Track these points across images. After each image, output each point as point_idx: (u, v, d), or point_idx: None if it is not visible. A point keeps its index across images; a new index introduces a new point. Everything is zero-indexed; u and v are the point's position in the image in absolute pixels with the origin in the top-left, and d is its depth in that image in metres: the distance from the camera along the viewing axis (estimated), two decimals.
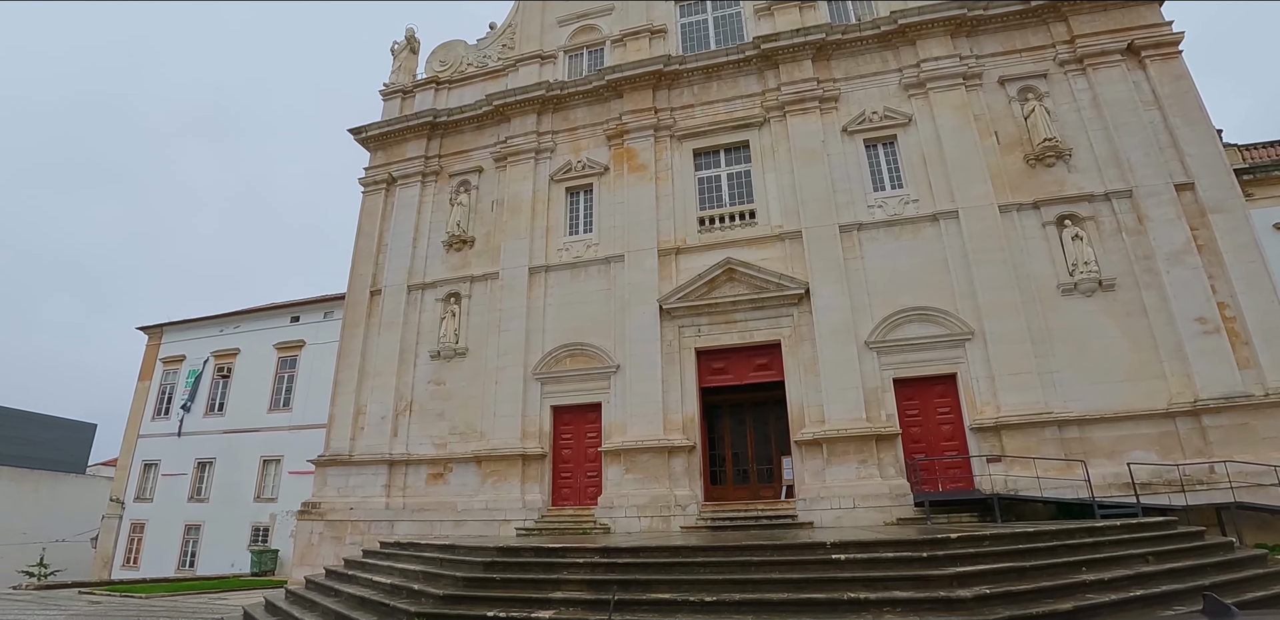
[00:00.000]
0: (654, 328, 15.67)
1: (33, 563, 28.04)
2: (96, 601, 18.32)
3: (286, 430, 28.41)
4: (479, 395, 16.99)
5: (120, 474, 33.15)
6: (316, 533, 17.28)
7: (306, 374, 28.75)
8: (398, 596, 9.76)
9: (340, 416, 18.39)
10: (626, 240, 16.73)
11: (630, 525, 14.19)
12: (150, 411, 33.00)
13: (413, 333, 18.40)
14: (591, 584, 8.88)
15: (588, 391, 16.09)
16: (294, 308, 30.79)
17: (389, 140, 20.85)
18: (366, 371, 18.48)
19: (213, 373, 31.56)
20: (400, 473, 17.24)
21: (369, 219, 20.31)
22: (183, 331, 33.56)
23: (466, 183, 19.45)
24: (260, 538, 27.85)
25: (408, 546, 12.45)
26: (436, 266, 18.91)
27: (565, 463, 16.06)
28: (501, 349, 16.97)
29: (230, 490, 29.19)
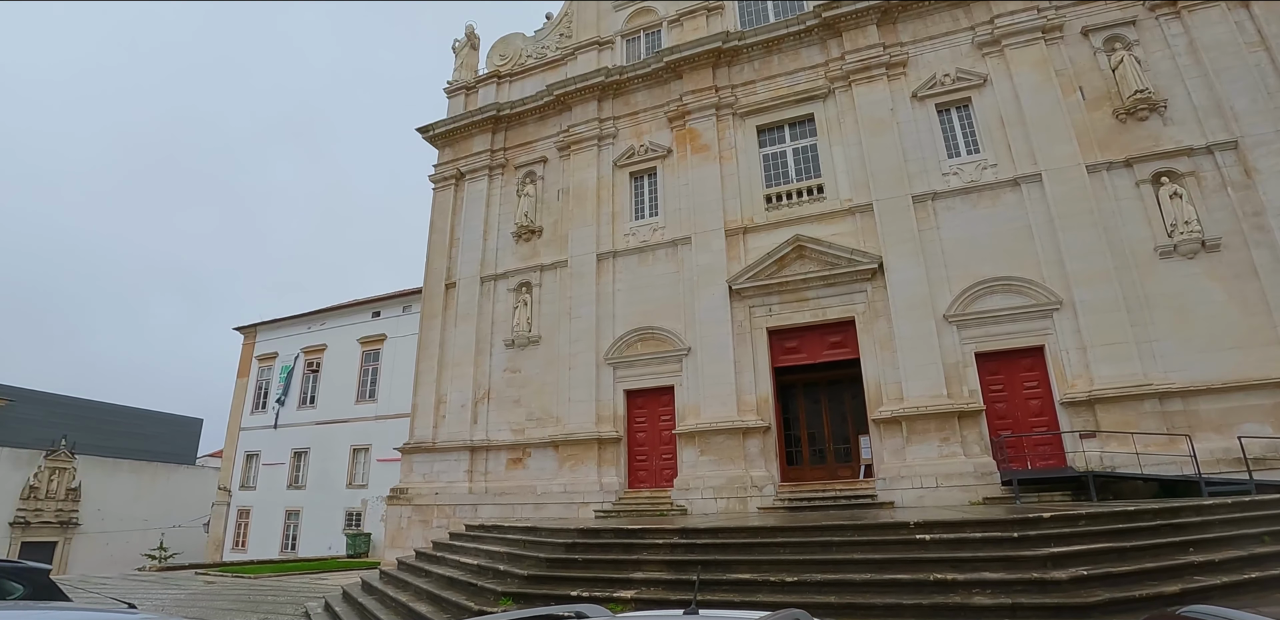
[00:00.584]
0: (724, 309, 15.53)
1: (154, 547, 30.34)
2: (211, 582, 19.65)
3: (373, 420, 29.71)
4: (553, 382, 17.28)
5: (226, 464, 35.44)
6: (405, 517, 17.99)
7: (389, 366, 29.96)
8: (485, 576, 10.09)
9: (423, 405, 19.06)
10: (693, 222, 16.61)
11: (707, 507, 14.19)
12: (249, 406, 35.09)
13: (487, 323, 18.86)
14: (671, 564, 8.94)
15: (660, 375, 16.12)
16: (374, 303, 32.08)
17: (455, 136, 21.34)
18: (445, 362, 19.08)
19: (303, 368, 33.27)
20: (481, 458, 17.74)
21: (440, 214, 20.89)
22: (274, 330, 35.47)
23: (532, 173, 19.73)
24: (354, 522, 29.27)
25: (492, 529, 12.82)
26: (507, 257, 19.29)
27: (640, 446, 16.17)
28: (573, 336, 17.19)
29: (324, 478, 30.77)
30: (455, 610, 9.27)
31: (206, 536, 34.77)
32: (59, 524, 35.23)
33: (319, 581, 19.40)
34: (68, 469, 35.99)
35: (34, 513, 34.51)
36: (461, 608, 9.17)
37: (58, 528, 35.13)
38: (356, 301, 33.58)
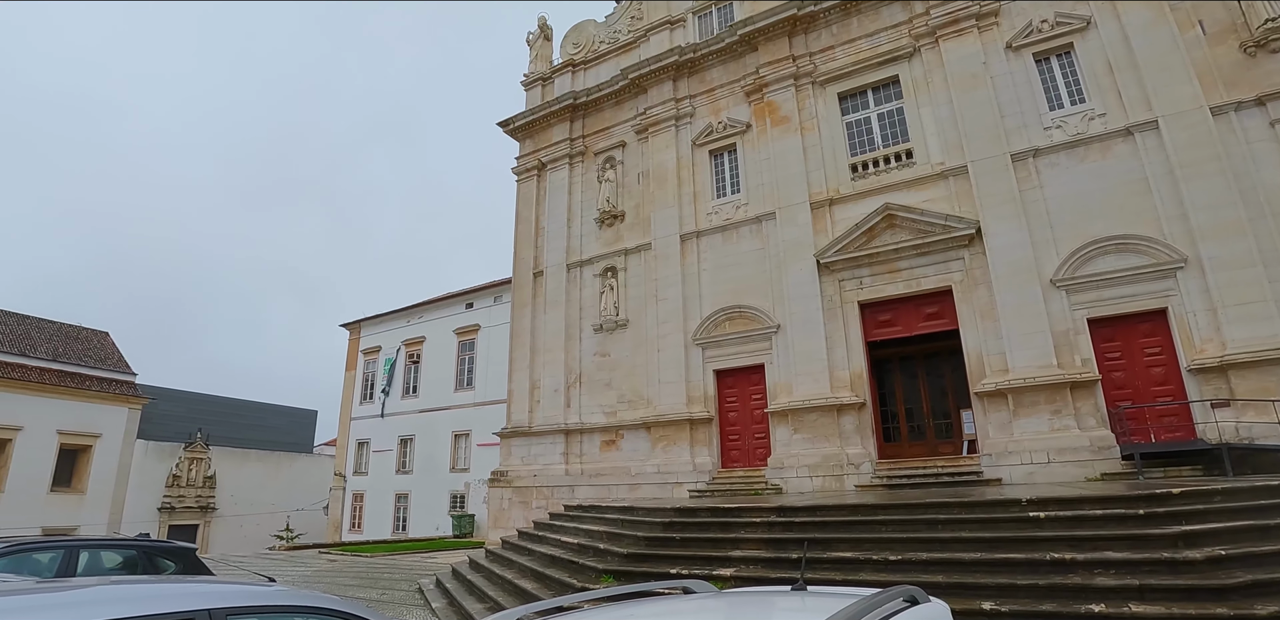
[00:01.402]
0: (813, 284, 15.16)
1: (281, 528, 32.71)
2: (333, 560, 20.95)
3: (471, 407, 30.86)
4: (643, 364, 17.39)
5: (339, 452, 37.71)
6: (506, 498, 18.60)
7: (484, 355, 31.00)
8: (585, 555, 10.27)
9: (518, 391, 19.61)
10: (776, 197, 16.25)
11: (802, 485, 13.96)
12: (358, 397, 37.15)
13: (575, 309, 19.17)
14: (769, 542, 8.87)
15: (749, 353, 15.94)
16: (467, 295, 33.22)
17: (534, 128, 21.70)
18: (537, 348, 19.54)
19: (405, 360, 34.91)
20: (576, 441, 18.10)
21: (525, 205, 21.34)
22: (376, 325, 37.34)
23: (611, 159, 19.83)
24: (458, 504, 30.56)
25: (589, 509, 13.05)
26: (591, 243, 19.51)
27: (732, 425, 16.08)
28: (660, 317, 17.22)
29: (429, 462, 32.26)
30: (558, 587, 9.51)
31: (326, 518, 37.23)
32: (199, 508, 38.53)
33: (429, 560, 20.35)
34: (204, 459, 39.26)
35: (178, 499, 37.88)
36: (564, 585, 9.40)
37: (198, 512, 38.43)
38: (450, 294, 34.87)
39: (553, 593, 9.35)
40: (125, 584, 3.42)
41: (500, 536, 15.38)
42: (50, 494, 32.97)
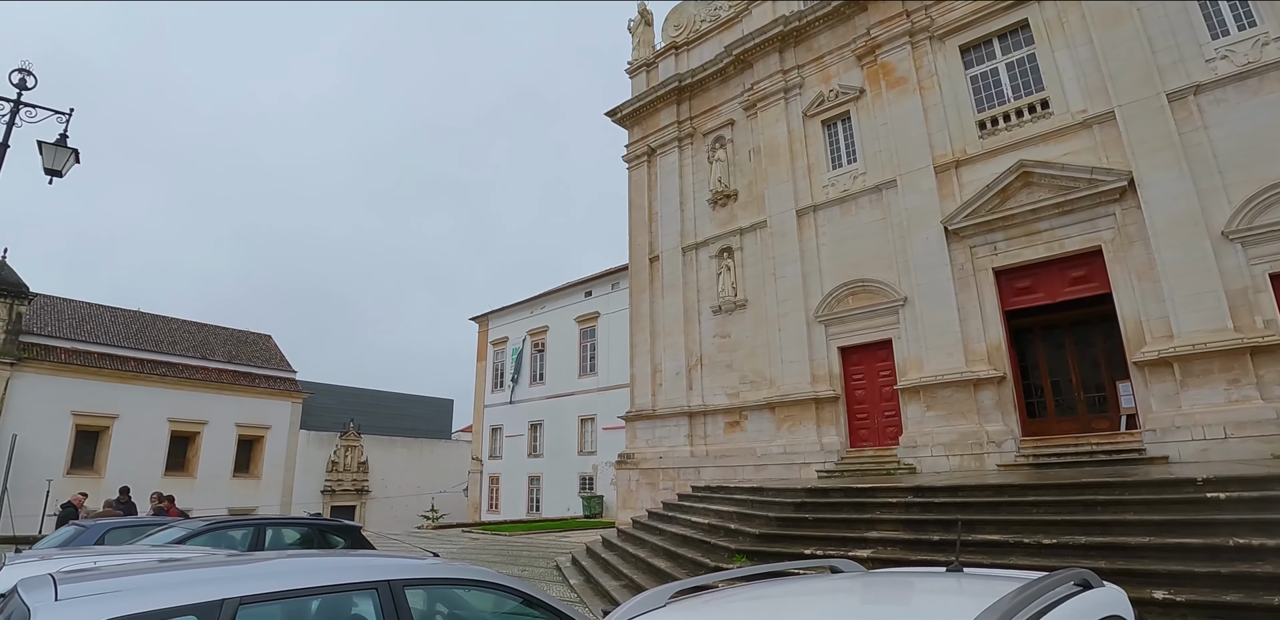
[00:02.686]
0: (941, 252, 14.30)
1: (427, 509, 35.07)
2: (475, 538, 22.22)
3: (595, 392, 31.70)
4: (764, 344, 17.14)
5: (475, 438, 39.88)
6: (634, 480, 18.94)
7: (605, 341, 31.73)
8: (716, 535, 10.32)
9: (640, 375, 19.89)
10: (896, 163, 15.43)
11: (937, 465, 13.29)
12: (489, 385, 39.09)
13: (693, 292, 19.15)
14: (907, 524, 8.55)
15: (875, 329, 15.31)
16: (585, 284, 34.07)
17: (642, 114, 21.78)
18: (657, 332, 19.71)
19: (530, 349, 36.34)
20: (700, 423, 18.14)
21: (637, 192, 21.50)
22: (503, 317, 39.07)
23: (721, 138, 19.57)
24: (587, 485, 31.52)
25: (717, 490, 13.04)
26: (705, 225, 19.38)
27: (859, 404, 15.54)
28: (780, 296, 16.88)
29: (558, 446, 33.46)
30: (691, 566, 9.61)
31: (466, 500, 39.57)
32: (355, 491, 42.01)
33: (563, 539, 21.13)
34: (357, 446, 42.74)
35: (336, 482, 41.49)
36: (697, 564, 9.48)
37: (354, 494, 41.90)
38: (569, 284, 35.90)
39: (686, 571, 9.44)
40: (319, 557, 3.84)
41: (630, 517, 15.69)
42: (232, 479, 37.11)
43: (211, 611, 2.64)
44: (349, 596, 3.26)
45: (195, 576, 2.94)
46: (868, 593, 2.83)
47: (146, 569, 3.12)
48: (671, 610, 2.58)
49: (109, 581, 2.76)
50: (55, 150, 14.35)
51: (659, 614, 2.54)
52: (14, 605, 2.65)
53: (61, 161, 14.37)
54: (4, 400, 30.40)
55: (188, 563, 3.43)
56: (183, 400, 35.67)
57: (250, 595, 2.82)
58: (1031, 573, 2.65)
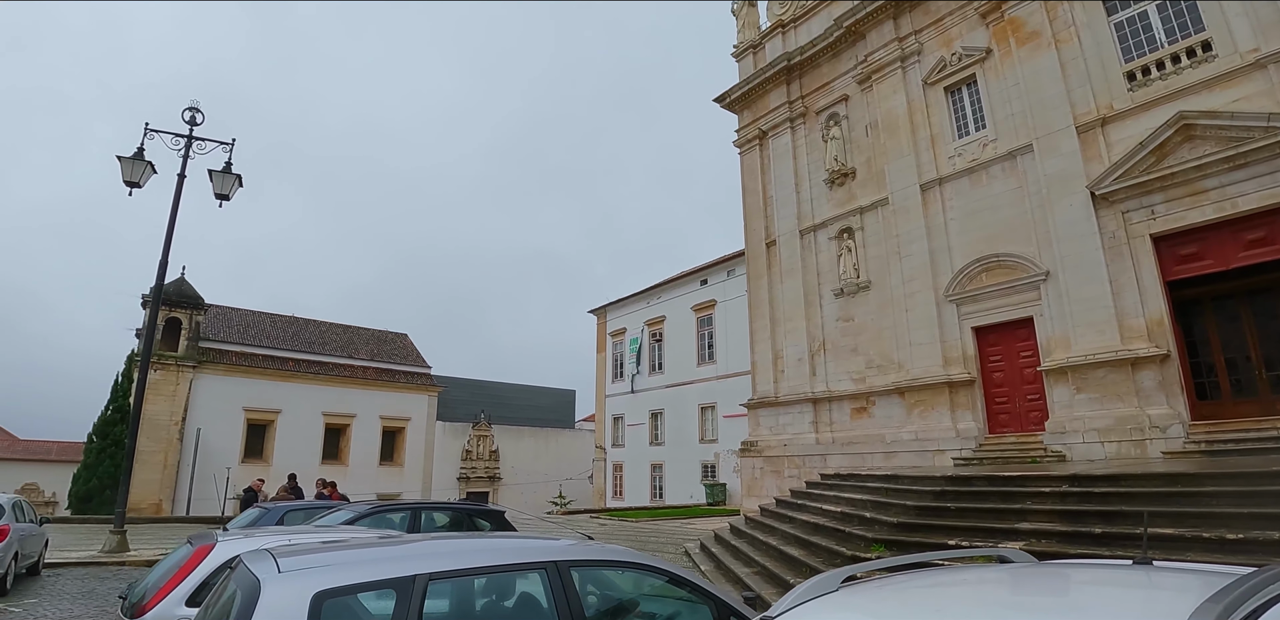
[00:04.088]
0: (1087, 220, 13.13)
1: (554, 495, 36.42)
2: (603, 524, 22.82)
3: (715, 380, 31.67)
4: (890, 326, 16.48)
5: (598, 427, 40.93)
6: (757, 468, 18.80)
7: (722, 329, 31.61)
8: (850, 523, 10.07)
9: (761, 362, 19.67)
10: (1031, 126, 14.25)
11: (1090, 452, 12.27)
12: (609, 376, 39.96)
13: (813, 275, 18.67)
14: (1063, 515, 7.97)
15: (1013, 307, 14.33)
16: (700, 272, 34.03)
17: (751, 97, 21.38)
18: (777, 318, 19.40)
19: (648, 339, 36.78)
20: (824, 409, 17.72)
21: (750, 176, 21.19)
22: (620, 309, 39.76)
23: (835, 115, 18.89)
24: (709, 473, 31.62)
25: (848, 477, 12.72)
26: (823, 206, 18.82)
27: (998, 387, 14.63)
28: (905, 276, 16.15)
29: (679, 434, 33.74)
30: (826, 554, 9.44)
31: (591, 487, 40.76)
32: (487, 478, 44.31)
33: (688, 525, 21.32)
34: (488, 436, 45.04)
35: (470, 469, 43.92)
36: (832, 552, 9.31)
37: (487, 481, 44.20)
38: (684, 273, 35.98)
39: (820, 560, 9.29)
40: (493, 538, 4.10)
41: (756, 504, 15.61)
42: (379, 467, 40.23)
43: (406, 585, 2.88)
44: (521, 575, 3.47)
45: (391, 554, 3.22)
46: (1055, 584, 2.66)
47: (348, 546, 3.43)
48: (844, 595, 2.54)
49: (319, 556, 3.07)
50: (223, 177, 16.00)
51: (832, 598, 2.50)
52: (241, 575, 3.00)
53: (228, 186, 15.99)
54: (189, 399, 34.42)
55: (382, 541, 3.75)
56: (334, 396, 39.13)
57: (438, 572, 3.05)
58: (1229, 567, 2.37)
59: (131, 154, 15.13)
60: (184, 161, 15.64)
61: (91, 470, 27.76)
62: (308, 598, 2.72)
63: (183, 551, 4.97)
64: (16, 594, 10.35)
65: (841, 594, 2.51)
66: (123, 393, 28.93)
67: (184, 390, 34.29)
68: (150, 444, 29.96)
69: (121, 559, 13.91)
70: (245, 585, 2.85)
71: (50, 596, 10.43)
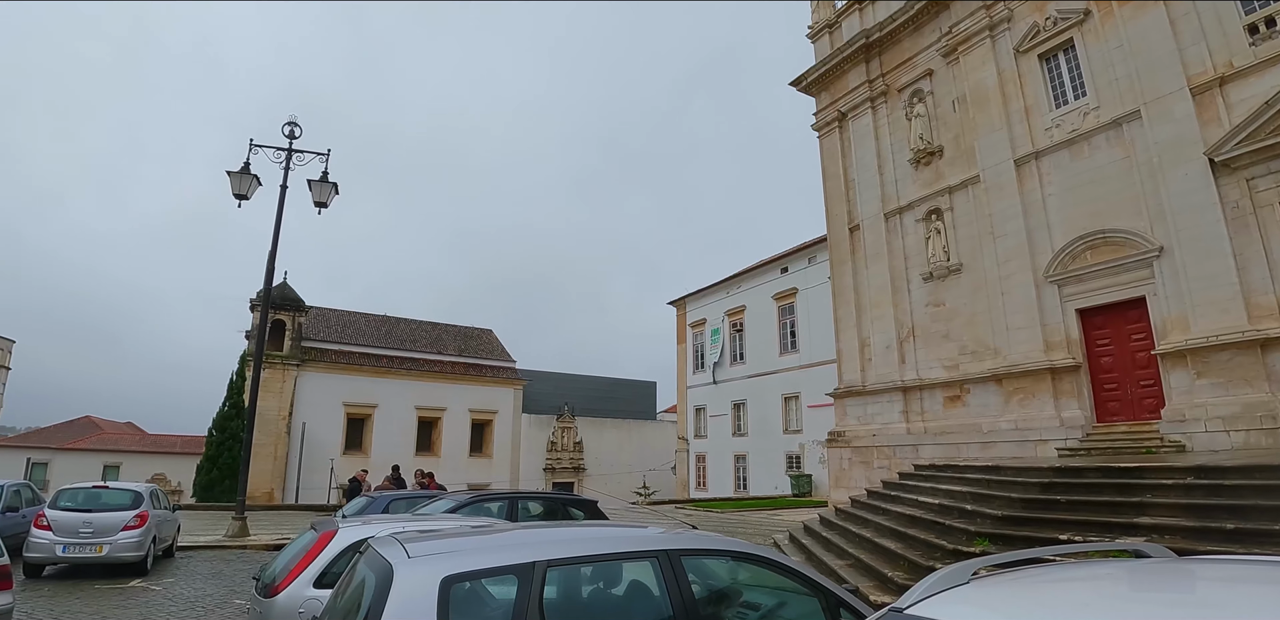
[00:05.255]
0: (1206, 190, 12.11)
1: (638, 486, 36.75)
2: (689, 514, 22.87)
3: (798, 369, 31.17)
4: (984, 310, 15.76)
5: (680, 418, 41.03)
6: (845, 458, 18.40)
7: (804, 317, 31.05)
8: (949, 516, 9.74)
9: (847, 351, 19.21)
10: (1138, 90, 13.22)
11: (1214, 441, 11.35)
12: (690, 367, 39.95)
13: (899, 259, 18.06)
14: (1189, 509, 7.46)
15: (1122, 286, 13.43)
16: (781, 260, 33.50)
17: (828, 78, 20.79)
18: (862, 305, 18.89)
19: (729, 329, 36.54)
20: (915, 398, 17.16)
21: (830, 160, 20.65)
22: (699, 299, 39.66)
23: (918, 91, 18.13)
24: (794, 464, 31.20)
25: (944, 468, 12.32)
26: (908, 187, 18.14)
27: (1107, 372, 13.77)
28: (1000, 257, 15.38)
29: (762, 425, 33.42)
30: (924, 547, 9.17)
31: (674, 478, 40.93)
32: (573, 468, 45.22)
33: (775, 517, 21.14)
34: (572, 428, 45.94)
35: (556, 460, 44.93)
36: (931, 546, 9.03)
37: (572, 471, 45.11)
38: (764, 262, 35.51)
39: (919, 553, 9.03)
40: (604, 527, 4.20)
41: (846, 495, 15.29)
42: (469, 458, 41.73)
43: (527, 572, 2.97)
44: (634, 563, 3.52)
45: (512, 541, 3.34)
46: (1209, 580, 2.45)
47: (470, 533, 3.57)
48: (976, 588, 2.42)
49: (444, 543, 3.21)
50: (320, 185, 16.86)
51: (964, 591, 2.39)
52: (373, 559, 3.16)
53: (326, 194, 16.85)
54: (294, 395, 36.70)
55: (500, 529, 3.89)
56: (425, 390, 40.91)
57: (556, 559, 3.13)
58: None
59: (238, 168, 16.12)
60: (285, 173, 16.55)
61: (213, 461, 29.92)
62: (437, 581, 2.84)
63: (308, 537, 5.29)
64: (156, 574, 11.28)
65: (973, 587, 2.40)
66: (237, 390, 31.01)
67: (290, 387, 36.54)
68: (262, 437, 31.98)
69: (243, 543, 14.94)
70: (378, 569, 3.00)
71: (185, 576, 11.31)
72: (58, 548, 10.42)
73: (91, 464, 41.52)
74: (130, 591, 9.92)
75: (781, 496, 28.88)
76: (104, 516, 10.78)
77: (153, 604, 9.17)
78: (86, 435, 46.49)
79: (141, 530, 10.92)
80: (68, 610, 8.65)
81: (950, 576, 2.46)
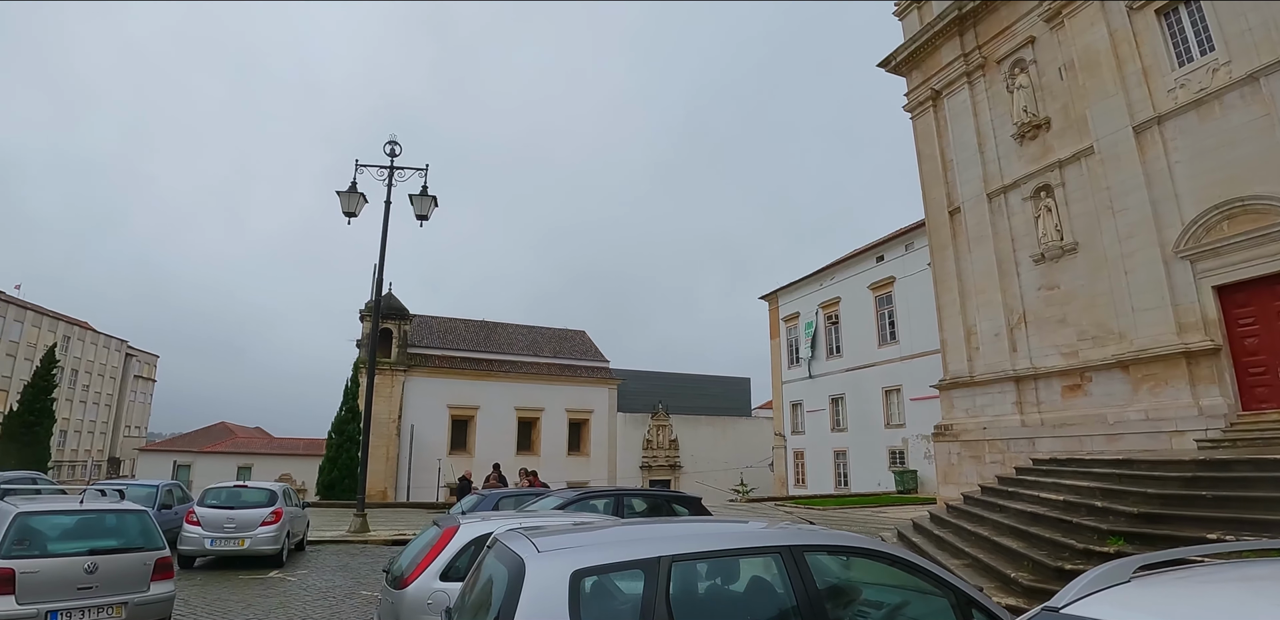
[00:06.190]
0: None
1: (735, 483, 36.50)
2: (789, 512, 22.48)
3: (898, 361, 30.08)
4: (1105, 291, 14.65)
5: (775, 414, 40.45)
6: (954, 453, 17.59)
7: (903, 307, 29.93)
8: (1077, 513, 9.18)
9: (951, 340, 18.36)
10: (1276, 39, 11.87)
11: None
12: (785, 361, 39.32)
13: (1005, 241, 17.08)
14: None
15: (1267, 259, 12.13)
16: (875, 249, 32.42)
17: (919, 56, 19.92)
18: (966, 291, 18.01)
19: (823, 322, 35.69)
20: (1029, 388, 16.18)
21: (925, 142, 19.80)
22: (791, 293, 38.98)
23: (1019, 61, 17.07)
24: (897, 459, 30.14)
25: (1067, 463, 11.61)
26: (1012, 164, 17.13)
27: (1252, 355, 12.50)
28: (1121, 233, 14.26)
29: (862, 419, 32.46)
30: (1049, 547, 8.68)
31: (772, 474, 40.38)
32: (668, 466, 45.44)
33: (879, 514, 20.50)
34: (667, 426, 46.16)
35: (652, 458, 45.27)
36: (1058, 545, 8.55)
37: (668, 469, 45.33)
38: (857, 251, 34.47)
39: (1044, 553, 8.54)
40: (723, 523, 4.19)
41: (957, 491, 14.64)
42: (567, 456, 42.77)
43: (653, 567, 2.97)
44: (756, 559, 3.47)
45: (636, 535, 3.37)
46: None
47: (594, 528, 3.62)
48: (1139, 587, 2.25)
49: (571, 537, 3.26)
50: (421, 199, 17.65)
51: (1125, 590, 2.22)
52: (503, 554, 3.25)
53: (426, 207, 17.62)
54: (403, 399, 38.74)
55: (621, 524, 3.94)
56: (523, 392, 42.31)
57: (680, 554, 3.12)
58: None
59: (346, 188, 17.07)
60: (389, 190, 17.39)
61: (333, 462, 31.88)
62: (567, 575, 2.88)
63: (432, 532, 5.55)
64: (290, 566, 12.12)
65: (1135, 586, 2.22)
66: (352, 395, 32.94)
67: (398, 391, 38.58)
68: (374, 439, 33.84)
69: (365, 538, 15.81)
70: (509, 563, 3.08)
71: (316, 568, 12.08)
72: (206, 541, 11.39)
73: (227, 465, 45.23)
74: (269, 581, 10.69)
75: (885, 493, 27.96)
76: (244, 513, 11.70)
77: (290, 593, 9.84)
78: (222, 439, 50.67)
79: (277, 526, 11.77)
80: (218, 598, 9.42)
81: (1109, 575, 2.29)
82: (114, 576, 6.32)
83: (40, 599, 5.89)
